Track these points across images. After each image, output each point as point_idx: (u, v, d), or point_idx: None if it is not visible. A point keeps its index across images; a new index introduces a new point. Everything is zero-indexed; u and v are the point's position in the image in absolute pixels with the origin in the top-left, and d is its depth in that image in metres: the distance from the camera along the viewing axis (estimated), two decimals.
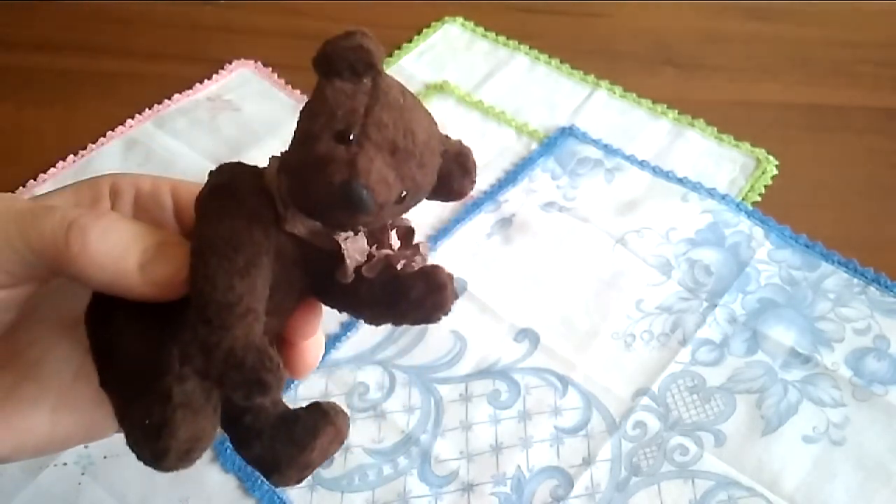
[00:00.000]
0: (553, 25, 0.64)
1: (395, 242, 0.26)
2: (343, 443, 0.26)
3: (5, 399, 0.26)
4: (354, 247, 0.24)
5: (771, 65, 0.60)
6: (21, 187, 0.52)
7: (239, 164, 0.25)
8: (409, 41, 0.62)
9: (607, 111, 0.56)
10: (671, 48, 0.62)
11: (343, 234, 0.24)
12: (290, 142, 0.24)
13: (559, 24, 0.64)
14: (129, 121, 0.56)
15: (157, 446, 0.22)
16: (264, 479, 0.39)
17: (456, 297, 0.25)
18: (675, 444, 0.39)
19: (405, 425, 0.41)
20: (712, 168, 0.52)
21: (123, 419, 0.25)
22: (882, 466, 0.38)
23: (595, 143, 0.54)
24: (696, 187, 0.50)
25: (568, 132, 0.54)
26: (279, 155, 0.24)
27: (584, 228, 0.48)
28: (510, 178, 0.52)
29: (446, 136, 0.25)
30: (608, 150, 0.53)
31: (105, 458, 0.40)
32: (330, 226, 0.24)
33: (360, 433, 0.40)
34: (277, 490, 0.38)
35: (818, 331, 0.43)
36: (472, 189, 0.26)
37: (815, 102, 0.57)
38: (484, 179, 0.52)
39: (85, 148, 0.54)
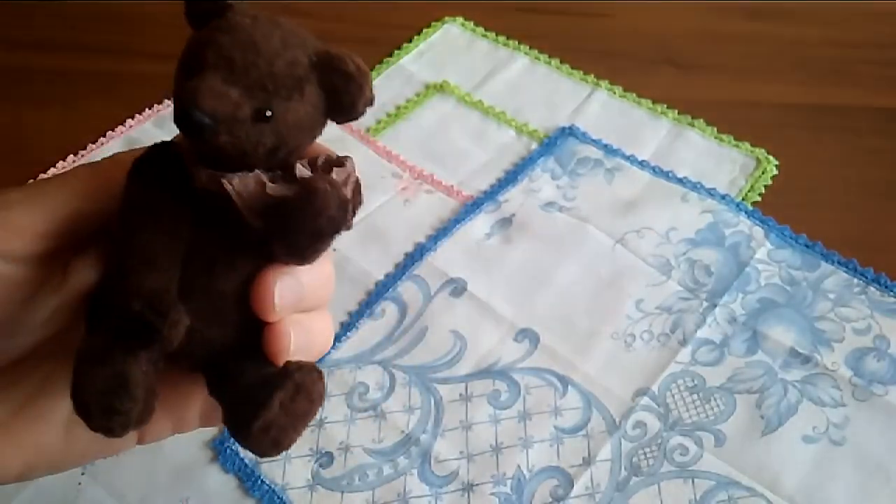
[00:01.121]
0: (553, 25, 0.64)
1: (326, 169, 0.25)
2: (314, 401, 0.25)
3: (16, 415, 0.26)
4: (243, 184, 0.23)
5: (771, 65, 0.60)
6: None
7: (161, 142, 0.25)
8: (409, 41, 0.62)
9: (607, 111, 0.57)
10: (671, 48, 0.62)
11: (232, 175, 0.23)
12: None
13: (559, 24, 0.64)
14: (129, 121, 0.56)
15: (77, 403, 0.22)
16: (263, 479, 0.39)
17: (348, 203, 0.23)
18: (675, 444, 0.39)
19: (405, 425, 0.41)
20: (712, 168, 0.52)
21: None
22: (882, 466, 0.38)
23: (595, 143, 0.54)
24: (696, 187, 0.50)
25: (568, 132, 0.54)
26: None
27: (584, 228, 0.48)
28: (510, 178, 0.52)
29: (325, 50, 0.23)
30: (608, 149, 0.53)
31: (105, 457, 0.40)
32: (217, 166, 0.23)
33: (360, 433, 0.40)
34: (277, 490, 0.38)
35: (818, 331, 0.43)
36: (364, 99, 0.23)
37: (815, 102, 0.57)
38: (484, 179, 0.52)
39: (85, 148, 0.54)
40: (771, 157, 0.53)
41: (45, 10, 0.65)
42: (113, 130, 0.55)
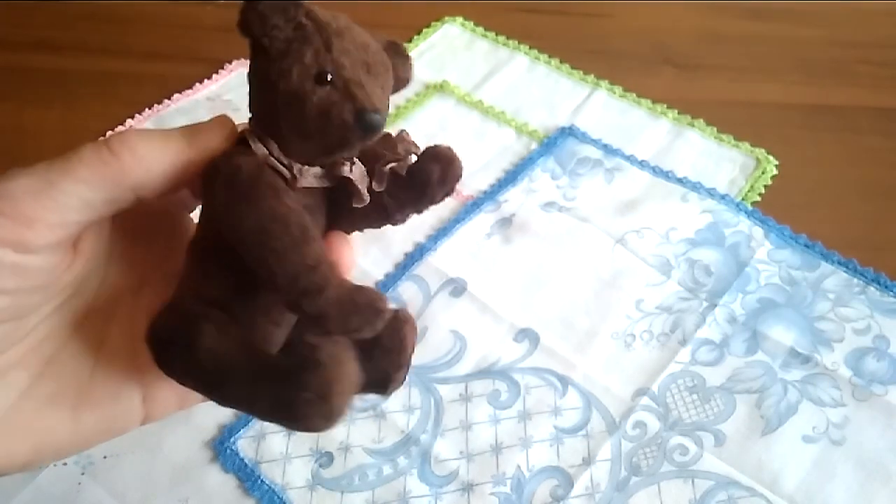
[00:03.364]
0: (553, 25, 0.64)
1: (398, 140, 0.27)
2: (414, 329, 0.27)
3: (23, 399, 0.26)
4: (358, 173, 0.25)
5: (771, 65, 0.60)
6: None
7: (232, 149, 0.25)
8: (409, 41, 0.62)
9: (607, 111, 0.57)
10: (671, 48, 0.62)
11: (345, 168, 0.25)
12: (255, 111, 0.26)
13: (559, 24, 0.64)
14: (129, 121, 0.56)
15: (328, 409, 0.23)
16: (263, 479, 0.39)
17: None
18: (675, 444, 0.39)
19: (405, 425, 0.41)
20: (712, 168, 0.52)
21: (277, 412, 0.24)
22: (882, 466, 0.38)
23: (595, 143, 0.54)
24: (695, 187, 0.50)
25: (568, 132, 0.54)
26: (250, 129, 0.25)
27: (583, 228, 0.48)
28: (510, 178, 0.52)
29: (384, 39, 0.27)
30: (608, 150, 0.53)
31: (105, 458, 0.40)
32: (333, 163, 0.25)
33: (360, 433, 0.40)
34: (277, 489, 0.38)
35: (818, 331, 0.43)
36: (411, 73, 0.28)
37: (814, 102, 0.57)
38: (484, 179, 0.52)
39: None
40: (771, 157, 0.53)
41: (45, 10, 0.65)
42: (113, 130, 0.55)
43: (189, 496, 0.39)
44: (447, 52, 0.62)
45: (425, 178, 0.26)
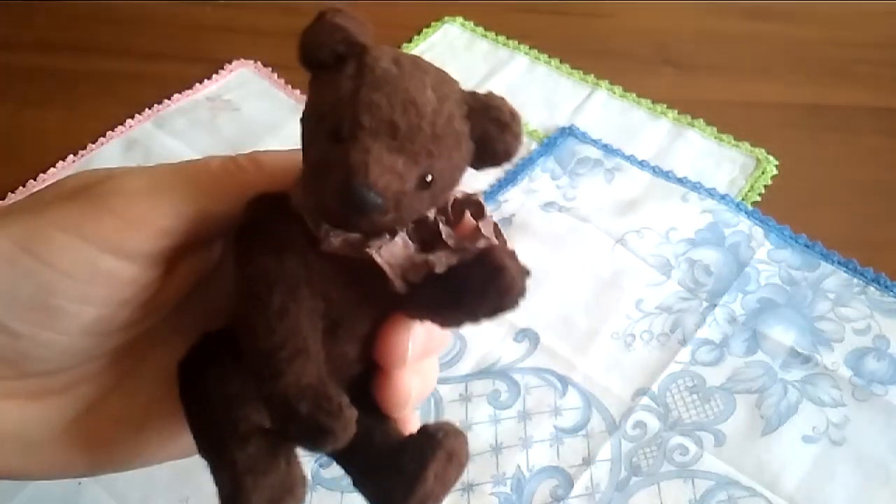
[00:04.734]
0: (553, 25, 0.64)
1: (471, 222, 0.23)
2: (463, 465, 0.23)
3: (89, 413, 0.24)
4: (389, 253, 0.21)
5: (771, 65, 0.60)
6: (21, 187, 0.52)
7: (265, 194, 0.22)
8: (409, 41, 0.62)
9: (607, 111, 0.57)
10: (671, 48, 0.62)
11: (377, 242, 0.21)
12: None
13: (559, 24, 0.64)
14: (129, 121, 0.56)
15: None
16: None
17: (527, 273, 0.22)
18: (675, 444, 0.39)
19: None
20: (712, 168, 0.52)
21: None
22: (882, 466, 0.38)
23: (595, 143, 0.54)
24: (695, 187, 0.50)
25: (568, 132, 0.54)
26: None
27: (583, 228, 0.48)
28: (510, 178, 0.52)
29: (471, 93, 0.22)
30: (608, 150, 0.53)
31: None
32: (362, 232, 0.21)
33: None
34: None
35: (818, 331, 0.43)
36: (518, 145, 0.22)
37: (814, 102, 0.57)
38: (484, 179, 0.52)
39: (85, 148, 0.54)
40: (770, 157, 0.53)
41: (45, 10, 0.65)
42: (113, 130, 0.55)
43: (189, 496, 0.39)
44: (447, 52, 0.62)
45: (463, 282, 0.21)
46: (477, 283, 0.21)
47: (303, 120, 0.21)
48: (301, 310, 0.21)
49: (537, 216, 0.49)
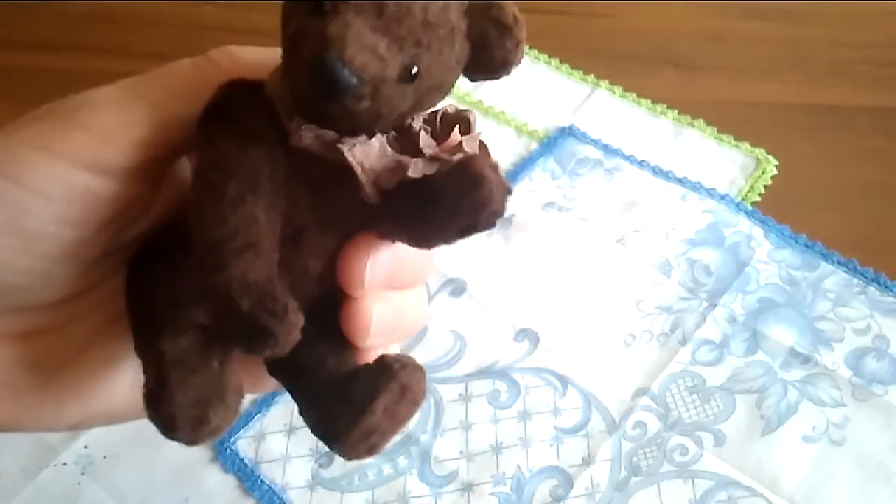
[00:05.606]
0: (553, 25, 0.64)
1: (456, 137, 0.21)
2: (418, 403, 0.22)
3: (80, 358, 0.23)
4: (363, 154, 0.19)
5: (771, 65, 0.60)
6: None
7: (238, 80, 0.20)
8: None
9: (607, 111, 0.56)
10: (671, 48, 0.62)
11: (352, 141, 0.19)
12: None
13: (559, 24, 0.64)
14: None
15: (160, 415, 0.20)
16: (263, 479, 0.39)
17: (508, 190, 0.19)
18: (675, 444, 0.39)
19: None
20: (712, 168, 0.52)
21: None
22: (882, 466, 0.38)
23: (595, 142, 0.54)
24: (695, 187, 0.50)
25: (568, 132, 0.54)
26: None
27: (583, 228, 0.48)
28: (510, 177, 0.52)
29: None
30: (608, 149, 0.53)
31: (105, 458, 0.40)
32: (334, 128, 0.19)
33: None
34: (277, 490, 0.38)
35: (818, 331, 0.43)
36: (518, 55, 0.20)
37: (815, 102, 0.57)
38: None
39: None
40: (771, 157, 0.53)
41: (45, 10, 0.65)
42: None
43: (189, 496, 0.39)
44: None
45: (436, 193, 0.19)
46: (452, 192, 0.19)
47: None
48: (258, 203, 0.19)
49: (537, 216, 0.49)
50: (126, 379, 0.24)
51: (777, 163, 0.52)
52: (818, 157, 0.53)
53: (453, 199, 0.19)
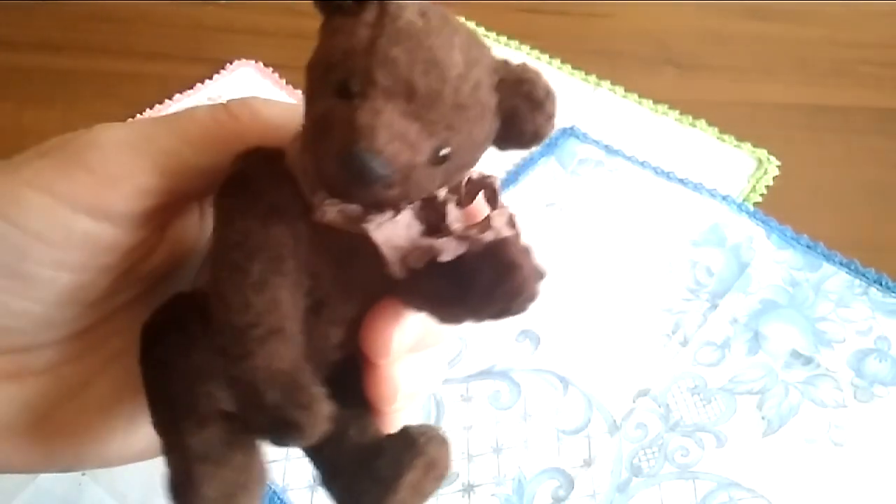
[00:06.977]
0: (554, 26, 0.64)
1: (484, 209, 0.20)
2: (443, 477, 0.21)
3: (72, 400, 0.22)
4: (390, 232, 0.19)
5: (772, 65, 0.60)
6: None
7: (258, 149, 0.20)
8: None
9: (608, 111, 0.56)
10: (672, 48, 0.62)
11: (377, 217, 0.18)
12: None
13: (560, 25, 0.64)
14: (129, 121, 0.56)
15: None
16: None
17: (541, 275, 0.19)
18: (676, 446, 0.39)
19: None
20: (714, 168, 0.52)
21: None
22: (883, 468, 0.38)
23: (596, 143, 0.53)
24: (697, 188, 0.50)
25: (569, 132, 0.54)
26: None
27: (584, 229, 0.48)
28: (510, 178, 0.52)
29: (504, 61, 0.19)
30: (609, 150, 0.53)
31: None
32: (363, 205, 0.18)
33: None
34: (277, 490, 0.38)
35: (819, 332, 0.43)
36: (550, 128, 0.20)
37: (816, 103, 0.57)
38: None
39: None
40: (772, 158, 0.53)
41: (45, 10, 0.64)
42: None
43: None
44: None
45: (469, 277, 0.19)
46: (485, 279, 0.18)
47: (308, 68, 0.18)
48: (283, 285, 0.18)
49: (538, 216, 0.49)
50: (120, 423, 0.23)
51: (779, 163, 0.52)
52: (820, 157, 0.53)
53: (486, 287, 0.18)
